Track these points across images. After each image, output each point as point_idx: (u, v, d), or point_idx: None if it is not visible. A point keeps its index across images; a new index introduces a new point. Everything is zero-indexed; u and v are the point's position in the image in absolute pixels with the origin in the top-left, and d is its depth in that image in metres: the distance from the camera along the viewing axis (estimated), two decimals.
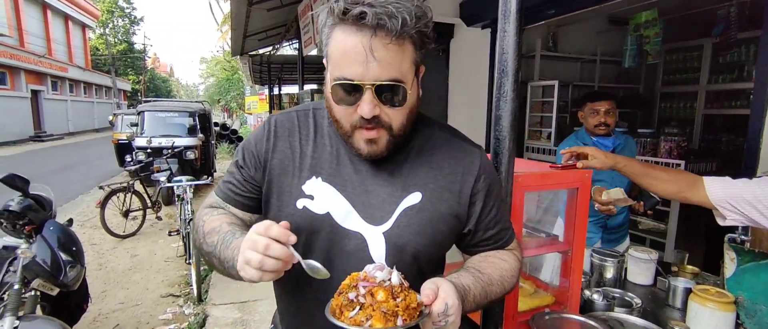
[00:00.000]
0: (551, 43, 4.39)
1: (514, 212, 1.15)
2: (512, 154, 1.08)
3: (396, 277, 0.67)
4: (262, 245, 0.65)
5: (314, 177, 0.82)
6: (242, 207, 0.89)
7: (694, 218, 3.21)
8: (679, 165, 3.12)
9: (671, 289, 1.56)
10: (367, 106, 0.72)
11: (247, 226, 0.86)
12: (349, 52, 0.70)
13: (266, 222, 0.68)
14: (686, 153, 3.40)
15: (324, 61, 0.79)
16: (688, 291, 1.47)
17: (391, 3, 0.68)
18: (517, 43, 1.06)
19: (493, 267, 0.84)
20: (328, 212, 0.81)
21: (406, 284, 0.68)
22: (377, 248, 0.80)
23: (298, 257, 0.69)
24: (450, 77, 4.18)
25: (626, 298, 1.51)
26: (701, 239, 3.25)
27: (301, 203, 0.81)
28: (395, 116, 0.75)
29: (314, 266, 0.71)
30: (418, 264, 0.81)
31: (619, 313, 1.38)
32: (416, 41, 0.73)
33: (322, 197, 0.81)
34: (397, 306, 0.64)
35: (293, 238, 0.67)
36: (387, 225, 0.80)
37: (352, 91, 0.72)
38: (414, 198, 0.82)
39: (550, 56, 4.38)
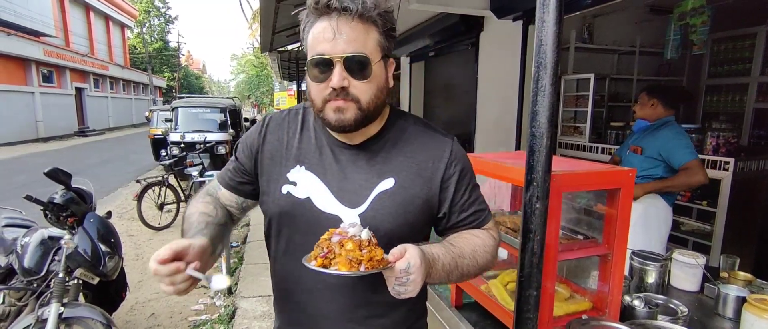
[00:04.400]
0: (587, 34, 4.20)
1: (551, 214, 1.09)
2: (550, 152, 1.02)
3: (365, 233, 0.76)
4: (165, 274, 0.73)
5: (298, 166, 0.92)
6: (232, 190, 1.00)
7: (744, 220, 3.01)
8: (727, 163, 2.92)
9: (721, 297, 1.45)
10: (336, 76, 0.80)
11: (228, 214, 1.00)
12: (320, 34, 0.81)
13: (163, 251, 0.73)
14: (736, 150, 3.18)
15: (307, 68, 0.87)
16: (741, 300, 1.36)
17: None
18: (557, 34, 0.99)
19: (465, 241, 0.91)
20: (308, 197, 0.90)
21: (374, 241, 0.77)
22: None
23: (200, 276, 0.76)
24: (479, 72, 4.08)
25: (671, 305, 1.41)
26: (751, 242, 3.05)
27: (285, 189, 0.91)
28: (363, 90, 0.83)
29: (214, 282, 0.78)
30: (392, 244, 0.82)
31: (663, 322, 1.29)
32: (379, 26, 0.83)
33: (304, 183, 0.91)
34: (362, 256, 0.73)
35: (181, 265, 0.74)
36: (362, 208, 0.88)
37: (324, 67, 0.81)
38: (387, 183, 0.89)
39: (585, 48, 4.19)
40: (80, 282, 2.17)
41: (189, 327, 3.03)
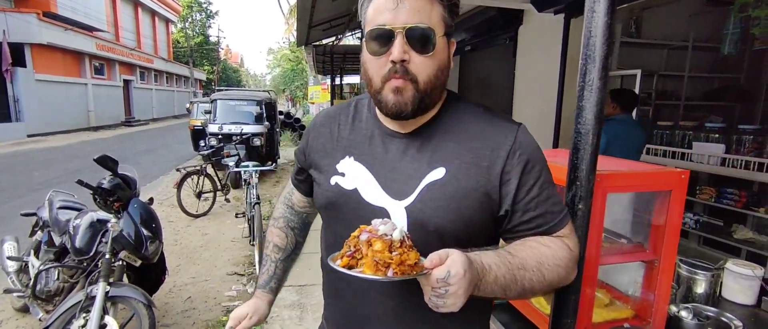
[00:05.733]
0: (634, 28, 3.98)
1: (594, 216, 1.03)
2: (595, 150, 0.97)
3: (398, 233, 0.68)
4: None
5: (347, 157, 0.89)
6: (301, 191, 1.05)
7: None
8: None
9: None
10: (396, 49, 0.74)
11: (303, 224, 1.12)
12: (381, 5, 0.76)
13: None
14: None
15: (362, 42, 0.82)
16: None
17: None
18: (608, 25, 0.94)
19: (529, 250, 0.77)
20: (355, 189, 0.86)
21: (408, 242, 0.68)
22: (399, 222, 0.79)
23: None
24: (517, 67, 3.96)
25: (723, 319, 1.32)
26: None
27: (334, 180, 0.89)
28: (423, 67, 0.77)
29: None
30: (445, 243, 0.75)
31: None
32: (444, 1, 0.78)
33: (352, 174, 0.87)
34: (391, 259, 0.64)
35: None
36: (409, 200, 0.81)
37: (383, 39, 0.76)
38: (437, 173, 0.80)
39: (631, 43, 3.97)
40: (124, 263, 2.29)
41: (222, 312, 3.14)
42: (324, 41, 9.21)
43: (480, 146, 0.81)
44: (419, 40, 0.75)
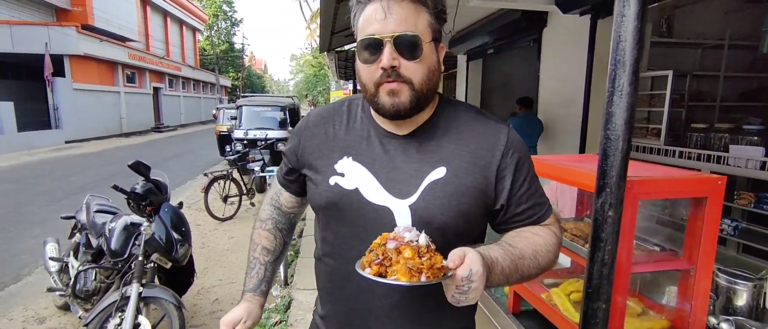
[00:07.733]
0: (665, 27, 3.84)
1: (625, 223, 1.01)
2: (626, 156, 0.94)
3: (423, 238, 0.72)
4: None
5: (345, 157, 0.90)
6: (290, 191, 1.04)
7: None
8: None
9: None
10: (386, 57, 0.79)
11: (290, 224, 1.11)
12: (370, 16, 0.80)
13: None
14: None
15: (356, 51, 0.86)
16: None
17: None
18: (638, 29, 0.91)
19: (525, 241, 0.85)
20: (356, 188, 0.87)
21: (432, 246, 0.73)
22: (403, 220, 0.85)
23: None
24: (541, 70, 3.90)
25: None
26: None
27: (333, 181, 0.90)
28: (415, 71, 0.81)
29: None
30: (446, 237, 0.83)
31: None
32: (430, 7, 0.82)
33: (351, 174, 0.89)
34: (422, 265, 0.68)
35: None
36: (413, 199, 0.85)
37: (374, 48, 0.80)
38: (439, 173, 0.85)
39: (663, 43, 3.84)
40: (156, 265, 2.37)
41: None
42: (346, 47, 9.29)
43: (477, 146, 0.87)
44: (407, 47, 0.79)
